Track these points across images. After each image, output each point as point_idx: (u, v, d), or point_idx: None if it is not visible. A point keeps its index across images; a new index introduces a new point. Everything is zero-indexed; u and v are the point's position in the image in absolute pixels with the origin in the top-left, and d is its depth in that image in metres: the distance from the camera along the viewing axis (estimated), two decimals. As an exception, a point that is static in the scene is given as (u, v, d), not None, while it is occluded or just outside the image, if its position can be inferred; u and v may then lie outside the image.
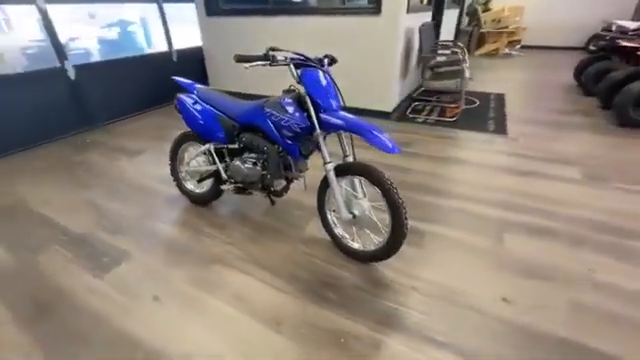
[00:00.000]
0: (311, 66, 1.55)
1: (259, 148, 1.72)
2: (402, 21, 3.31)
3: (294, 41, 3.87)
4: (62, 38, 3.38)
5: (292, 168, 1.76)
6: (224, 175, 1.91)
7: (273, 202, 2.07)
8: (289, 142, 1.64)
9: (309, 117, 1.54)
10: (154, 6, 4.30)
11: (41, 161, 2.91)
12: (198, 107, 1.88)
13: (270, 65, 1.46)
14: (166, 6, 4.35)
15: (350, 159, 1.65)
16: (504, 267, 1.63)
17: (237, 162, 1.82)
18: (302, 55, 1.56)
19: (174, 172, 2.19)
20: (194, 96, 1.92)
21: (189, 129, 1.98)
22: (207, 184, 2.08)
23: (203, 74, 4.80)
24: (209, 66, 4.77)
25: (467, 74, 3.44)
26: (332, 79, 1.59)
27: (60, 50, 3.25)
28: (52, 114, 3.28)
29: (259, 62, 1.45)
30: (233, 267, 1.67)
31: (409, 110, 3.99)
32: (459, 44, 4.19)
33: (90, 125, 3.60)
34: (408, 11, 3.39)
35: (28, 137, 3.14)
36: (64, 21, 4.44)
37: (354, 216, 1.58)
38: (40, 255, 1.79)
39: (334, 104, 1.57)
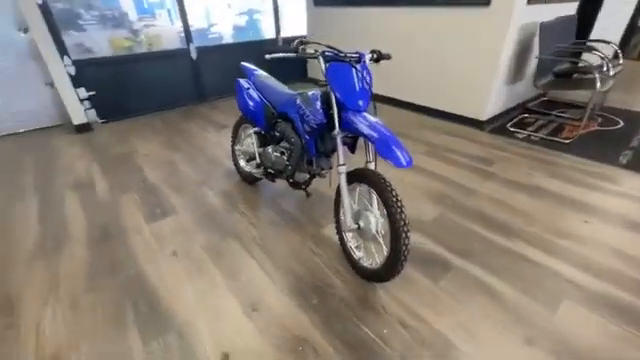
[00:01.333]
0: (340, 61, 1.46)
1: (287, 139, 1.75)
2: (518, 15, 2.73)
3: (385, 34, 3.68)
4: (203, 24, 4.12)
5: (313, 164, 1.73)
6: (257, 159, 2.02)
7: (308, 195, 2.09)
8: (307, 137, 1.61)
9: (329, 114, 1.47)
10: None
11: (159, 123, 3.65)
12: (250, 93, 2.01)
13: (297, 57, 1.44)
14: (282, -4, 4.72)
15: (371, 166, 1.51)
16: (536, 343, 1.25)
17: (269, 149, 1.90)
18: (334, 49, 1.48)
19: (232, 149, 2.43)
20: (250, 82, 2.06)
21: (244, 112, 2.15)
22: (253, 165, 2.24)
23: (303, 63, 5.06)
24: (310, 54, 4.99)
25: (599, 84, 2.63)
26: (364, 76, 1.46)
27: (188, 33, 3.93)
28: (176, 87, 4.04)
29: (283, 54, 1.44)
30: (244, 246, 1.78)
31: (513, 122, 3.33)
32: (613, 44, 3.22)
33: (202, 99, 4.28)
34: (530, 1, 2.77)
35: (158, 103, 3.96)
36: (211, 8, 5.41)
37: (359, 227, 1.47)
38: (124, 195, 2.28)
39: (361, 104, 1.45)
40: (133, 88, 3.76)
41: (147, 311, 1.42)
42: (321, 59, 1.47)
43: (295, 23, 5.02)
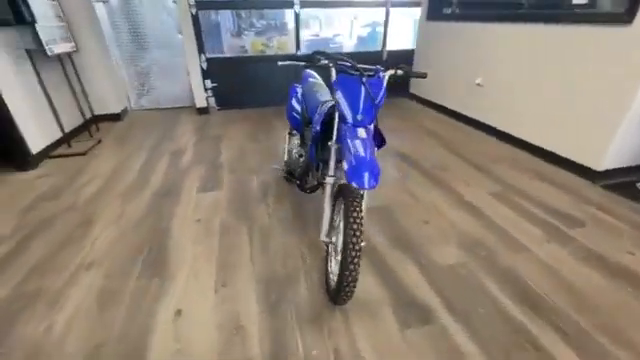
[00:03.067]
0: (349, 73, 1.44)
1: (304, 144, 1.82)
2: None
3: (498, 52, 3.24)
4: (330, 34, 4.66)
5: (319, 171, 1.74)
6: (285, 157, 2.15)
7: None
8: (310, 143, 1.65)
9: (328, 125, 1.47)
10: (402, 10, 4.81)
11: (256, 116, 4.23)
12: (298, 97, 2.16)
13: (312, 65, 1.50)
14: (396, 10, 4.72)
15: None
16: None
17: (294, 150, 2.00)
18: (347, 60, 1.47)
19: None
20: (300, 88, 2.21)
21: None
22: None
23: (406, 79, 4.92)
24: (415, 69, 4.81)
25: None
26: (369, 92, 1.40)
27: (298, 42, 4.40)
28: (284, 86, 4.58)
29: (294, 62, 1.52)
30: (249, 231, 1.95)
31: (649, 181, 2.44)
32: None
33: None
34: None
35: (265, 99, 4.58)
36: (338, 20, 6.01)
37: (331, 241, 1.43)
38: (196, 166, 2.79)
39: (359, 118, 1.40)
40: (248, 84, 4.46)
41: (154, 256, 1.75)
42: (333, 70, 1.49)
43: (405, 37, 4.94)
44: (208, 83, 4.25)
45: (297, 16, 4.23)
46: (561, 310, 1.41)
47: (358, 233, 1.18)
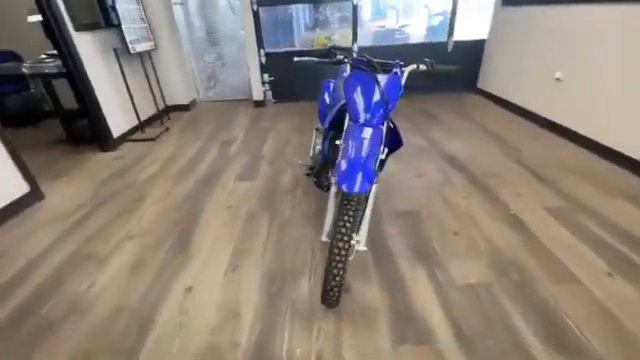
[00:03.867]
0: (364, 69, 1.35)
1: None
2: None
3: (591, 42, 2.72)
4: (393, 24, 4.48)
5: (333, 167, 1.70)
6: (310, 153, 2.14)
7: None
8: (322, 140, 1.61)
9: (341, 122, 1.42)
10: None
11: (309, 110, 4.30)
12: (329, 93, 2.13)
13: (322, 62, 1.46)
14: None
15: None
16: None
17: (317, 146, 1.98)
18: (364, 56, 1.38)
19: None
20: (332, 83, 2.17)
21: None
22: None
23: (475, 71, 4.45)
24: (485, 63, 4.31)
25: None
26: (381, 89, 1.30)
27: (355, 34, 4.30)
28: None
29: (311, 58, 1.49)
30: (270, 220, 2.02)
31: None
32: None
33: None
34: None
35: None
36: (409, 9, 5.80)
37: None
38: (241, 157, 2.98)
39: (367, 117, 1.32)
40: (303, 77, 4.54)
41: (185, 235, 1.93)
42: (348, 66, 1.43)
43: (477, 25, 4.44)
44: (266, 77, 4.45)
45: (355, 8, 4.12)
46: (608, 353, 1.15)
47: (346, 238, 1.13)
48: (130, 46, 3.29)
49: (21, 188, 2.25)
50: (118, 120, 3.32)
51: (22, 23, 3.52)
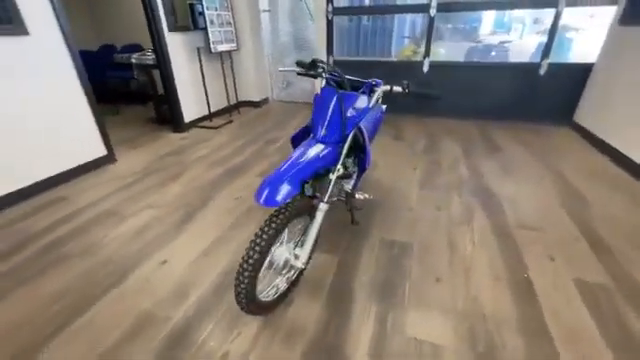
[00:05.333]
0: (331, 84, 1.30)
1: None
2: None
3: None
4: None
5: None
6: None
7: (352, 221, 1.99)
8: None
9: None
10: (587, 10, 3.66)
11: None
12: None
13: (305, 74, 1.46)
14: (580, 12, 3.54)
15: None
16: None
17: None
18: (336, 72, 1.33)
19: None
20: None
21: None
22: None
23: (573, 100, 3.68)
24: (588, 93, 3.53)
25: None
26: (340, 106, 1.24)
27: (428, 49, 4.04)
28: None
29: (295, 69, 1.50)
30: (264, 217, 2.09)
31: None
32: None
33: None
34: None
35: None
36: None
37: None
38: (269, 156, 3.15)
39: (322, 133, 1.28)
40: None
41: (186, 217, 2.16)
42: (323, 81, 1.40)
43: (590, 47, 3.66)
44: (331, 84, 4.56)
45: (431, 20, 3.88)
46: None
47: (258, 248, 1.13)
48: (212, 46, 3.80)
49: (100, 151, 2.86)
50: (191, 108, 3.88)
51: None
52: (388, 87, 1.36)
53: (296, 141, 1.52)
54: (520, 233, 1.94)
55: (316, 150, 1.28)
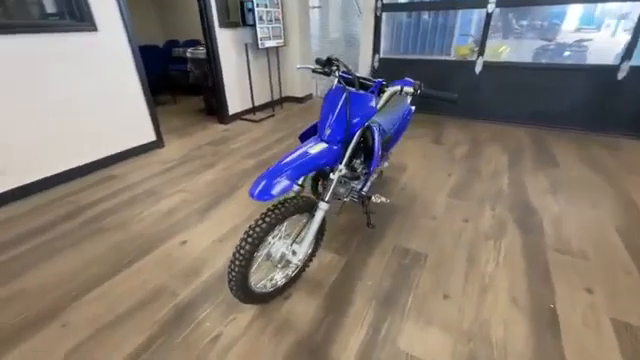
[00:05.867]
0: (341, 83, 1.28)
1: None
2: None
3: None
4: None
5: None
6: None
7: (368, 224, 1.94)
8: None
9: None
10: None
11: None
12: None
13: (321, 72, 1.44)
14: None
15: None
16: None
17: None
18: (348, 72, 1.31)
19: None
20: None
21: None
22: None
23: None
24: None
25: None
26: (346, 105, 1.21)
27: (482, 48, 3.72)
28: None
29: (308, 66, 1.49)
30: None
31: None
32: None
33: (477, 116, 4.06)
34: None
35: (443, 107, 4.29)
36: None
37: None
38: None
39: (327, 132, 1.26)
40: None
41: (212, 203, 2.30)
42: (335, 79, 1.37)
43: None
44: (375, 82, 4.45)
45: (488, 16, 3.57)
46: None
47: (250, 240, 1.16)
48: (259, 42, 3.95)
49: (150, 137, 3.16)
50: (235, 101, 4.09)
51: (205, 20, 4.74)
52: (398, 87, 1.28)
53: (304, 138, 1.52)
54: (556, 257, 1.72)
55: (317, 148, 1.27)
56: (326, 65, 1.41)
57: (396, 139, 1.99)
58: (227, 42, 3.78)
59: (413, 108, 2.13)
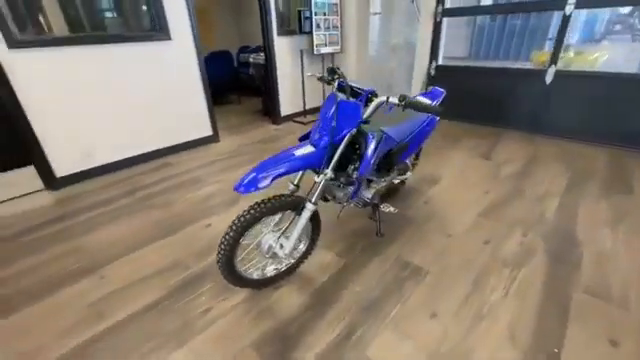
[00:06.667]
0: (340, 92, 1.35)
1: None
2: None
3: None
4: None
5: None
6: None
7: (377, 232, 1.94)
8: None
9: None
10: None
11: (459, 132, 3.83)
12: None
13: (324, 81, 1.52)
14: None
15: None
16: None
17: None
18: (344, 81, 1.36)
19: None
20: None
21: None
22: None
23: None
24: None
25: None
26: (333, 112, 1.27)
27: (556, 55, 3.29)
28: (522, 107, 3.73)
29: (312, 74, 1.58)
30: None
31: None
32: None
33: (542, 131, 3.63)
34: None
35: (492, 117, 3.96)
36: None
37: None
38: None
39: (316, 135, 1.34)
40: (477, 97, 4.00)
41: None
42: (335, 89, 1.43)
43: None
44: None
45: (566, 19, 3.15)
46: None
47: (234, 227, 1.30)
48: (315, 49, 4.14)
49: (207, 132, 3.59)
50: (287, 103, 4.35)
51: (272, 28, 5.14)
52: (384, 98, 1.28)
53: (303, 140, 1.60)
54: (584, 299, 1.48)
55: (304, 151, 1.35)
56: (329, 74, 1.48)
57: (412, 149, 1.93)
58: (284, 49, 4.06)
59: (436, 118, 2.04)
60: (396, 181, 2.11)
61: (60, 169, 2.68)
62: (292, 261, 1.61)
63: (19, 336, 1.40)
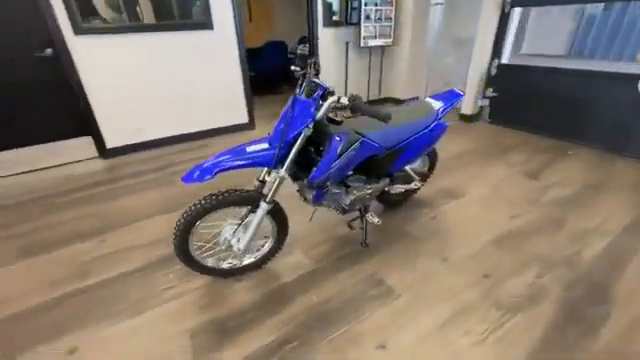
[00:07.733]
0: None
1: None
2: None
3: None
4: None
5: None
6: None
7: (362, 242, 1.82)
8: None
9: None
10: None
11: (521, 144, 3.31)
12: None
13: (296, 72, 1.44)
14: None
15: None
16: None
17: None
18: (310, 79, 1.27)
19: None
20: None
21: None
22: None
23: None
24: None
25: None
26: (292, 111, 1.21)
27: None
28: (602, 120, 3.07)
29: (295, 68, 1.50)
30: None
31: None
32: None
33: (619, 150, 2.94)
34: None
35: (558, 129, 3.34)
36: None
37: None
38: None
39: (273, 134, 1.29)
40: (538, 101, 3.41)
41: (252, 182, 2.59)
42: (304, 82, 1.35)
43: None
44: (489, 91, 3.76)
45: (676, 11, 2.42)
46: None
47: (185, 215, 1.33)
48: (362, 41, 3.97)
49: (243, 119, 3.74)
50: (329, 96, 4.27)
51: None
52: (335, 98, 1.15)
53: None
54: (589, 358, 1.16)
55: (256, 147, 1.31)
56: (301, 64, 1.40)
57: (409, 157, 1.72)
58: (329, 40, 3.97)
59: (447, 124, 1.77)
60: (396, 191, 1.92)
61: (110, 141, 3.08)
62: (253, 259, 1.60)
63: (14, 281, 1.66)
